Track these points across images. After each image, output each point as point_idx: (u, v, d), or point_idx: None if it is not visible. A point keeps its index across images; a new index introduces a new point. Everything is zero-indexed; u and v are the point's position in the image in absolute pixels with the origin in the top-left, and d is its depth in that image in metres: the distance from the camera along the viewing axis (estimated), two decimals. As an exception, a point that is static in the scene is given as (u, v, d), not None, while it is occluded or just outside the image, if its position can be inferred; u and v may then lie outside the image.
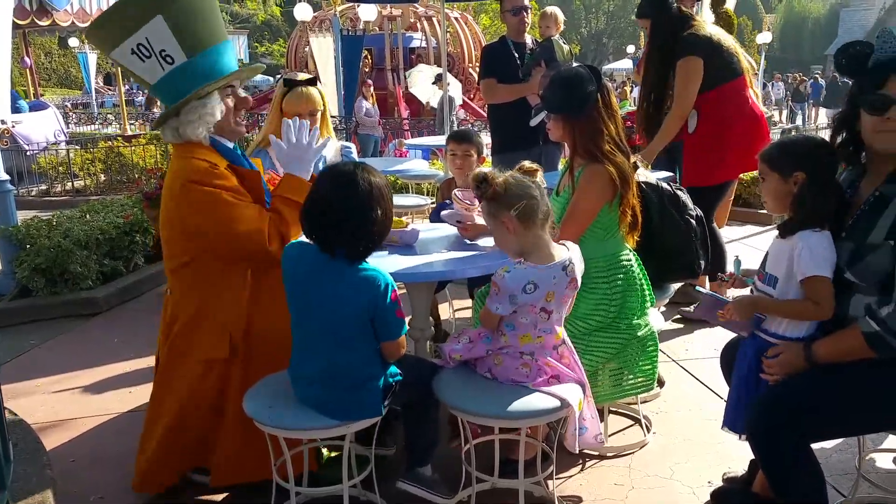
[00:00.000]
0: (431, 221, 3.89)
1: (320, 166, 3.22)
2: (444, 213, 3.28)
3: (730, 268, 2.53)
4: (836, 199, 2.24)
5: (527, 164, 2.55)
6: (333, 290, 2.31)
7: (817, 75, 27.73)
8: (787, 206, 2.30)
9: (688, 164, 4.57)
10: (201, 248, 2.67)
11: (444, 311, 4.59)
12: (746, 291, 2.53)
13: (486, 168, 2.45)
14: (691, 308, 4.66)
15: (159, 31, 2.50)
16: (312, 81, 3.43)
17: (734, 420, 2.47)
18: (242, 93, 2.82)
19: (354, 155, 3.71)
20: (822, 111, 22.71)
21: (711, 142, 4.43)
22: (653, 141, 4.54)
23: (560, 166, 4.63)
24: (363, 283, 2.30)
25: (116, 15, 2.52)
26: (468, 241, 3.16)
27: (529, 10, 5.19)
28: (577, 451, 2.53)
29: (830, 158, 2.28)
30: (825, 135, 2.43)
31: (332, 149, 3.60)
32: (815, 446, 2.16)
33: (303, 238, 2.41)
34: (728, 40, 4.45)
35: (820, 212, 2.21)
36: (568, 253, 2.45)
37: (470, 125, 12.55)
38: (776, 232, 2.36)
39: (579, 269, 2.48)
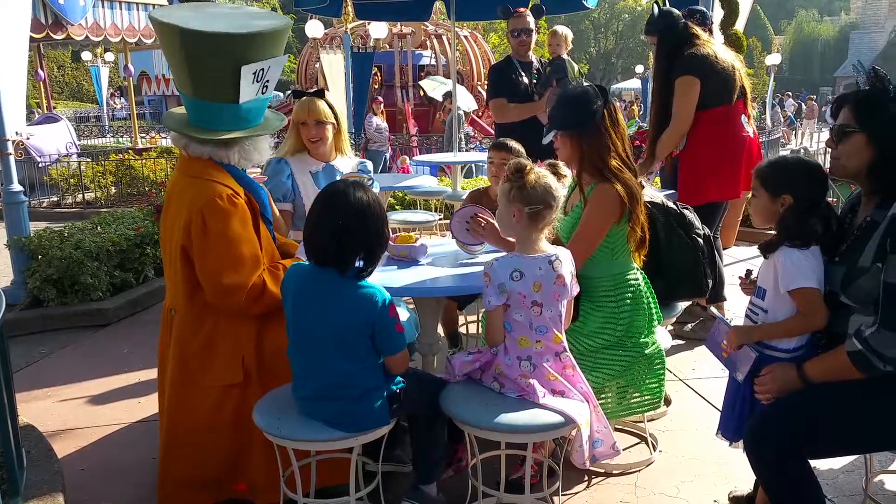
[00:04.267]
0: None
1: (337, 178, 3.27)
2: (460, 210, 3.19)
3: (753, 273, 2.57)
4: (822, 224, 2.26)
5: (561, 166, 2.60)
6: (333, 307, 2.35)
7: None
8: (770, 223, 2.35)
9: (678, 182, 4.61)
10: None
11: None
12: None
13: (527, 161, 2.53)
14: (688, 327, 4.68)
15: (278, 67, 2.67)
16: (320, 93, 3.49)
17: (727, 426, 2.51)
18: None
19: (371, 170, 3.74)
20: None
21: (697, 163, 4.46)
22: (649, 156, 4.59)
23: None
24: (362, 299, 2.35)
25: (272, 39, 2.61)
26: (471, 253, 3.15)
27: (531, 32, 5.25)
28: (587, 467, 2.53)
29: (821, 185, 2.31)
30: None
31: (349, 165, 3.64)
32: (822, 467, 2.16)
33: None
34: (727, 61, 4.42)
35: (802, 236, 2.25)
36: (556, 251, 2.53)
37: (478, 143, 12.60)
38: None
39: (568, 269, 2.53)
